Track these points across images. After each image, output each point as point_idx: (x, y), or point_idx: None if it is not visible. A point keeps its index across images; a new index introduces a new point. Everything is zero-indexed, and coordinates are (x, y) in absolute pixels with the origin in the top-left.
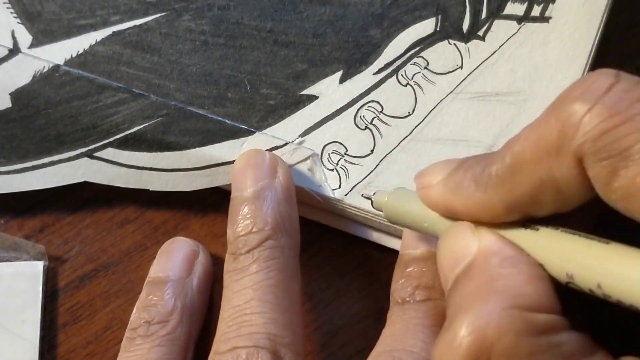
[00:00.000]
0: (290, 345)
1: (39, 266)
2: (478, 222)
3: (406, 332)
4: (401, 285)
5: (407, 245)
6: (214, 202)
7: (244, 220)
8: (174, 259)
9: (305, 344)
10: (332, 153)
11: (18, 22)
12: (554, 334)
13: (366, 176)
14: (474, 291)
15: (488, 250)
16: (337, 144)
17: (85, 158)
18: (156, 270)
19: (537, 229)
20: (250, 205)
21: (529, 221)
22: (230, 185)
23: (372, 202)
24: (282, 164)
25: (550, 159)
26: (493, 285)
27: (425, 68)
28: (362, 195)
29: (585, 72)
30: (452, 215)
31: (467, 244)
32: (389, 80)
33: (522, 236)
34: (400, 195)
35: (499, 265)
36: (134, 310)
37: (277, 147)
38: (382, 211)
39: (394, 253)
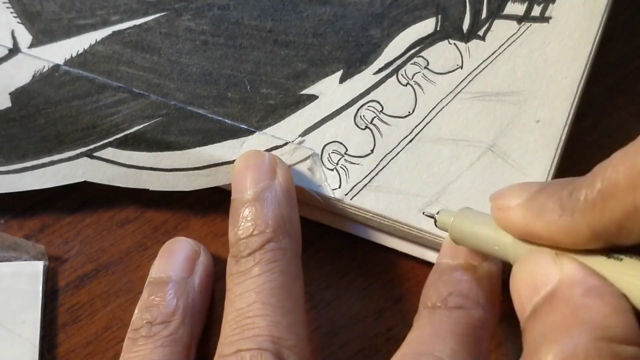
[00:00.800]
0: (294, 348)
1: (39, 266)
2: (558, 249)
3: (435, 336)
4: (434, 290)
5: (444, 255)
6: (214, 202)
7: (245, 223)
8: (175, 259)
9: (309, 346)
10: (332, 153)
11: (18, 22)
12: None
13: (366, 176)
14: (558, 321)
15: (571, 279)
16: (337, 143)
17: (85, 158)
18: (157, 270)
19: (621, 259)
20: (251, 207)
21: (611, 250)
22: (230, 185)
23: (435, 222)
24: (282, 164)
25: None
26: (578, 315)
27: (426, 68)
28: (423, 213)
29: (586, 72)
30: (531, 240)
31: (548, 272)
32: (389, 80)
33: (605, 265)
34: (467, 215)
35: (584, 295)
36: (136, 311)
37: (277, 147)
38: (446, 231)
39: (394, 253)
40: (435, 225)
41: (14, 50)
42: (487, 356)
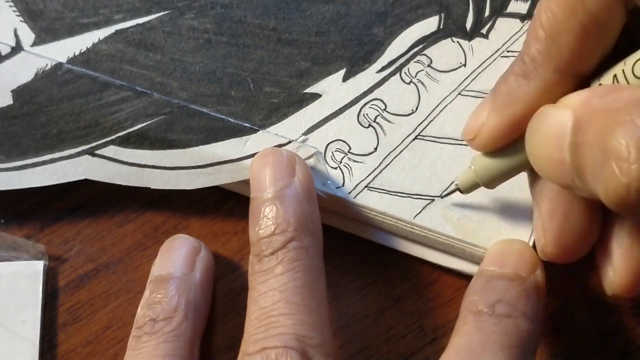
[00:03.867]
0: (319, 346)
1: (39, 266)
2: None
3: (484, 347)
4: (481, 296)
5: (491, 263)
6: (214, 201)
7: (266, 222)
8: (175, 256)
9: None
10: (335, 151)
11: (21, 21)
12: None
13: (369, 174)
14: (603, 130)
15: (582, 103)
16: (340, 142)
17: (87, 155)
18: (159, 268)
19: (599, 83)
20: (271, 206)
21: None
22: (231, 184)
23: (460, 190)
24: (300, 161)
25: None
26: (616, 111)
27: (429, 66)
28: (442, 196)
29: None
30: (520, 128)
31: (557, 115)
32: (392, 78)
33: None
34: (481, 163)
35: (603, 102)
36: (139, 309)
37: (280, 146)
38: (472, 190)
39: (394, 253)
40: (461, 192)
41: (17, 49)
42: None
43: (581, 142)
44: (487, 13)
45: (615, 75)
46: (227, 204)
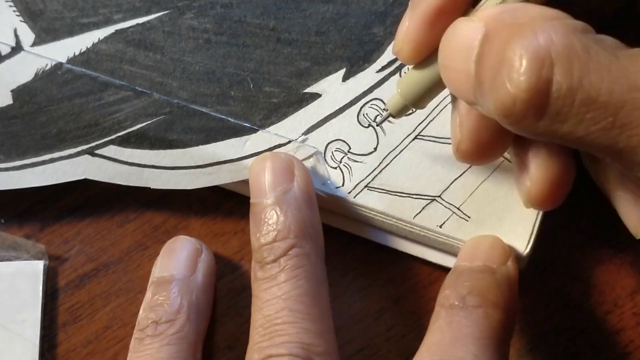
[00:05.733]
0: (324, 354)
1: (39, 265)
2: None
3: (456, 342)
4: (452, 289)
5: (463, 259)
6: (214, 201)
7: (267, 229)
8: (177, 257)
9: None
10: (335, 151)
11: (21, 21)
12: (594, 33)
13: (369, 174)
14: (504, 41)
15: (494, 17)
16: (340, 141)
17: (86, 155)
18: (160, 269)
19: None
20: (271, 212)
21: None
22: (231, 184)
23: (391, 114)
24: (299, 164)
25: None
26: (521, 25)
27: None
28: (377, 122)
29: None
30: (437, 36)
31: (469, 26)
32: (392, 78)
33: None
34: (404, 83)
35: (512, 17)
36: (141, 311)
37: (280, 145)
38: (405, 112)
39: (394, 253)
40: (393, 117)
41: (17, 49)
42: None
43: (485, 52)
44: None
45: None
46: (227, 203)
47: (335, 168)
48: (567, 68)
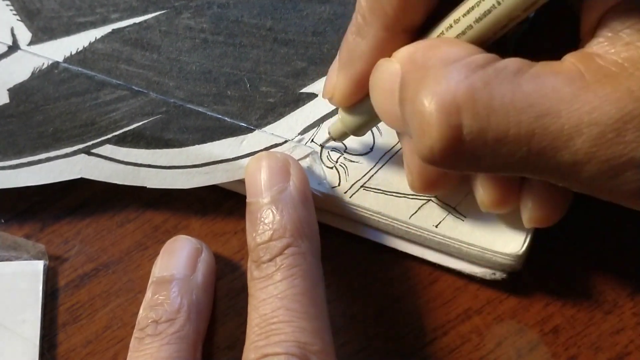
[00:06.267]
0: (320, 353)
1: (39, 265)
2: None
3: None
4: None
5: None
6: (214, 201)
7: (263, 228)
8: (177, 257)
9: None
10: (331, 151)
11: (17, 20)
12: (495, 62)
13: (365, 174)
14: (415, 89)
15: (407, 58)
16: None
17: (83, 154)
18: (160, 269)
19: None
20: (267, 211)
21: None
22: (230, 184)
23: (333, 138)
24: (295, 164)
25: None
26: (428, 69)
27: None
28: (321, 146)
29: None
30: (366, 84)
31: (389, 69)
32: None
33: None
34: (345, 114)
35: (423, 58)
36: (141, 310)
37: (276, 145)
38: (344, 138)
39: (394, 253)
40: (334, 140)
41: (13, 48)
42: None
43: (404, 98)
44: None
45: (445, 29)
46: (227, 203)
47: (331, 168)
48: (474, 110)
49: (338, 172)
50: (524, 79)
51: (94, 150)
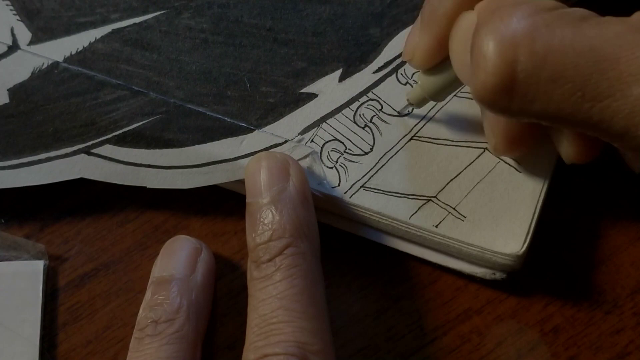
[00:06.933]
0: (319, 353)
1: (39, 265)
2: None
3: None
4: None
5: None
6: (214, 201)
7: (263, 228)
8: (177, 257)
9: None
10: (331, 151)
11: (17, 20)
12: (563, 8)
13: (365, 174)
14: (483, 26)
15: (484, 6)
16: (336, 142)
17: (83, 154)
18: (160, 269)
19: None
20: (267, 211)
21: None
22: (230, 184)
23: (410, 105)
24: (294, 164)
25: None
26: (493, 13)
27: None
28: (403, 114)
29: None
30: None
31: (468, 19)
32: (389, 78)
33: None
34: (425, 78)
35: (497, 4)
36: (140, 310)
37: (276, 145)
38: (423, 104)
39: (394, 253)
40: (415, 107)
41: (13, 47)
42: None
43: (473, 43)
44: None
45: None
46: (227, 203)
47: (332, 168)
48: (531, 48)
49: (338, 172)
50: (588, 23)
51: (93, 150)
